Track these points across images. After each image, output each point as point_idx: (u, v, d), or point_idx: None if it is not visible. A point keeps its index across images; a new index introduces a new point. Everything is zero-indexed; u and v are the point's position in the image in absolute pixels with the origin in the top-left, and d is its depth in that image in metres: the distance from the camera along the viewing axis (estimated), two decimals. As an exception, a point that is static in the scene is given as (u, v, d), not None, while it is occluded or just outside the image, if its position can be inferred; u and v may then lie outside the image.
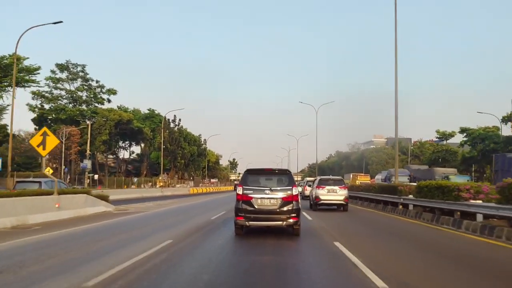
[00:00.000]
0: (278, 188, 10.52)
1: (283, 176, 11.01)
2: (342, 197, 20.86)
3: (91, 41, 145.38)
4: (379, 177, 43.81)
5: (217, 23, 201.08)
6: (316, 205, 21.17)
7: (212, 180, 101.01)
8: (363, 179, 48.39)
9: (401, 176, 35.66)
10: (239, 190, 10.62)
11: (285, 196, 10.38)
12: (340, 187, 21.09)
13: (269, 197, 10.35)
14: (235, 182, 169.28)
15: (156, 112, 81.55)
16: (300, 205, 10.83)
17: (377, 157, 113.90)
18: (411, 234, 12.70)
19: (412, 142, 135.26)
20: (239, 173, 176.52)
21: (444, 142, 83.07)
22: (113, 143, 70.44)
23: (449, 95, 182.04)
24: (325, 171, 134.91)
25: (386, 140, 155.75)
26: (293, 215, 10.38)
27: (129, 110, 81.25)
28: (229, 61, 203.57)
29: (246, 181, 10.75)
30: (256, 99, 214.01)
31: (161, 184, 56.41)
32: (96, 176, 64.01)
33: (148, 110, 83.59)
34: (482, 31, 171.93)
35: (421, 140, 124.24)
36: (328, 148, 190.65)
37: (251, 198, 10.37)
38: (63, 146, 55.48)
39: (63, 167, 56.37)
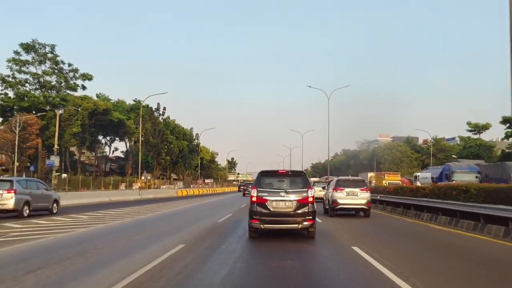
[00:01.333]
0: (293, 190, 10.25)
1: (298, 178, 10.74)
2: (364, 201, 18.15)
3: (91, 41, 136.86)
4: (427, 175, 32.81)
5: (217, 23, 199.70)
6: (333, 210, 18.43)
7: (207, 181, 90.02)
8: (392, 178, 37.81)
9: (466, 173, 25.12)
10: (254, 192, 10.35)
11: (300, 198, 10.13)
12: (361, 189, 18.29)
13: (284, 200, 10.12)
14: (235, 182, 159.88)
15: (144, 103, 70.68)
16: (315, 208, 10.45)
17: (390, 155, 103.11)
18: None
19: (422, 141, 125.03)
20: (238, 173, 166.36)
21: (474, 135, 72.09)
22: (88, 137, 59.46)
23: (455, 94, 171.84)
24: (331, 171, 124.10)
25: (391, 139, 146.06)
26: (309, 217, 10.13)
27: (112, 100, 70.29)
28: (229, 60, 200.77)
29: (260, 183, 10.50)
30: (256, 99, 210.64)
31: (140, 185, 45.58)
32: (64, 176, 53.33)
33: (134, 101, 72.60)
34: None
35: (436, 137, 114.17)
36: (332, 147, 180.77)
37: (266, 200, 10.14)
38: (17, 138, 44.59)
39: (16, 163, 45.46)
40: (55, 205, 18.69)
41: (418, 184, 37.14)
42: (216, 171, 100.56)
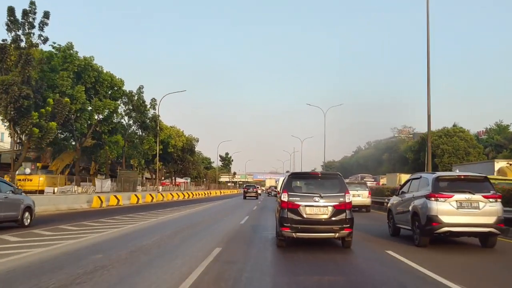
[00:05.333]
0: (329, 195, 9.17)
1: (333, 180, 9.68)
2: (491, 219, 9.67)
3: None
4: None
5: (219, 23, 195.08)
6: (428, 233, 10.06)
7: (180, 181, 58.58)
8: None
9: None
10: (284, 197, 9.24)
11: (337, 203, 9.07)
12: (485, 196, 9.79)
13: (319, 205, 9.03)
14: (230, 184, 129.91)
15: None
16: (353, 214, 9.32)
17: (451, 143, 71.24)
18: None
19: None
20: (234, 173, 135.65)
21: None
22: None
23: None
24: (351, 171, 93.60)
25: (411, 135, 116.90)
26: (347, 225, 9.05)
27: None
28: (230, 61, 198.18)
29: (291, 186, 9.44)
30: (259, 97, 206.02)
31: None
32: None
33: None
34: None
35: (501, 123, 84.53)
36: (340, 148, 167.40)
37: (298, 206, 9.03)
38: None
39: None
40: (26, 214, 13.84)
41: None
42: (197, 167, 69.09)
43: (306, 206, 8.93)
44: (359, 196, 21.51)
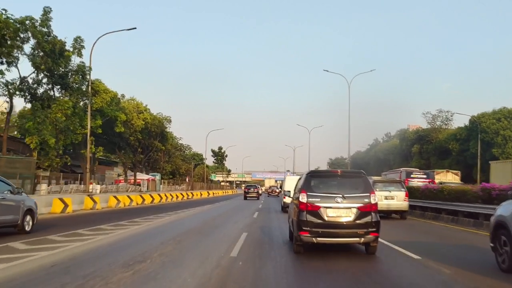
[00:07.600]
0: (353, 195, 8.22)
1: (356, 179, 8.73)
2: None
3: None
4: None
5: (219, 22, 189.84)
6: None
7: (142, 177, 40.75)
8: None
9: None
10: (303, 198, 8.27)
11: (361, 205, 8.12)
12: None
13: (342, 207, 8.07)
14: (223, 183, 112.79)
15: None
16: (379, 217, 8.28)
17: (517, 128, 53.60)
18: None
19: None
20: (229, 171, 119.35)
21: None
22: None
23: None
24: (366, 168, 75.86)
25: (418, 131, 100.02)
26: (373, 229, 8.07)
27: None
28: (229, 59, 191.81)
29: (310, 186, 8.48)
30: (263, 95, 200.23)
31: None
32: None
33: None
34: None
35: None
36: (351, 143, 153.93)
37: (319, 207, 8.08)
38: None
39: None
40: (28, 217, 11.60)
41: None
42: (174, 159, 51.04)
43: (327, 207, 8.00)
44: (393, 199, 17.77)
